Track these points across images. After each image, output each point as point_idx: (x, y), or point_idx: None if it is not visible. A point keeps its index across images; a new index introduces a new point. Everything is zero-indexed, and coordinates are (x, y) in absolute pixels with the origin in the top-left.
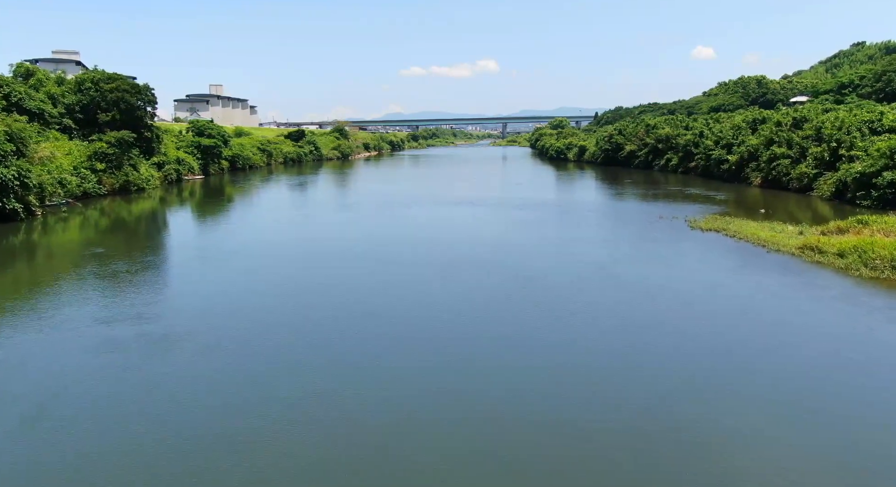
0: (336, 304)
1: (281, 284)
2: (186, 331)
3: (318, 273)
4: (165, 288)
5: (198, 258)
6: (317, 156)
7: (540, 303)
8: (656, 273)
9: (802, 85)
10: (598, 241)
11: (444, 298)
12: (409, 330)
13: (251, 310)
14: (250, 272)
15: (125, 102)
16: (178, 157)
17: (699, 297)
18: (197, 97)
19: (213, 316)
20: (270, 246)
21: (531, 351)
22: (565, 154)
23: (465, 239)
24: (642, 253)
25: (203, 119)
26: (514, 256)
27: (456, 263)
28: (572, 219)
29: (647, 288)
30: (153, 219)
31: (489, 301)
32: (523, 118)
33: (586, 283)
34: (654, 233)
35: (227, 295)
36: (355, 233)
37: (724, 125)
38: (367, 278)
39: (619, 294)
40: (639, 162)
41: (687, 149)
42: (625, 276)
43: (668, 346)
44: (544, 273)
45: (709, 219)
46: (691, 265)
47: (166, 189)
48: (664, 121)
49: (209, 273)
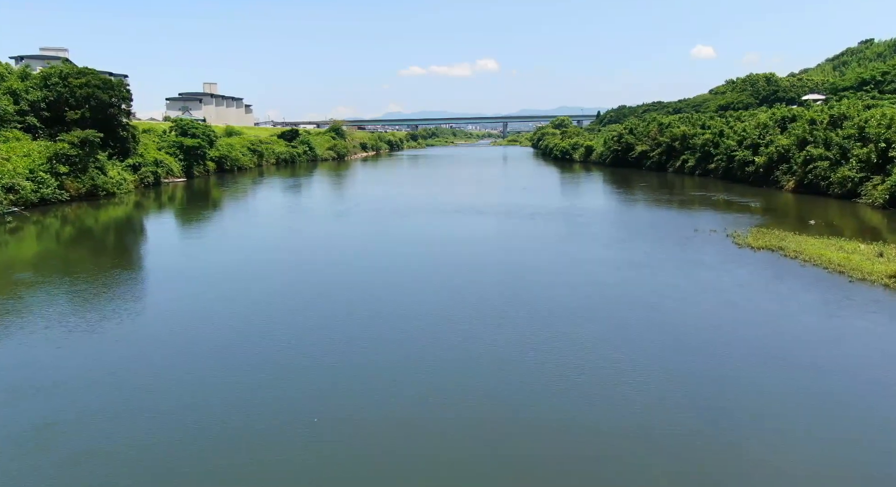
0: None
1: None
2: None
3: (291, 318)
4: (99, 335)
5: (141, 291)
6: (311, 157)
7: (582, 373)
8: (723, 316)
9: (813, 83)
10: (634, 266)
11: (453, 375)
12: (409, 438)
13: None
14: (199, 322)
15: (96, 99)
16: (156, 159)
17: (800, 360)
18: (189, 95)
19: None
20: (238, 275)
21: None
22: (571, 154)
23: (471, 262)
24: (694, 284)
25: (187, 118)
26: (536, 291)
27: (463, 304)
28: (594, 232)
29: (722, 343)
30: (111, 232)
31: (511, 375)
32: (523, 117)
33: (637, 336)
34: (696, 252)
35: (171, 349)
36: (342, 254)
37: (748, 123)
38: (355, 336)
39: (687, 357)
40: (651, 163)
41: (705, 149)
42: (683, 323)
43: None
44: (577, 317)
45: (754, 233)
46: (763, 303)
47: (142, 193)
48: (678, 120)
49: (152, 319)
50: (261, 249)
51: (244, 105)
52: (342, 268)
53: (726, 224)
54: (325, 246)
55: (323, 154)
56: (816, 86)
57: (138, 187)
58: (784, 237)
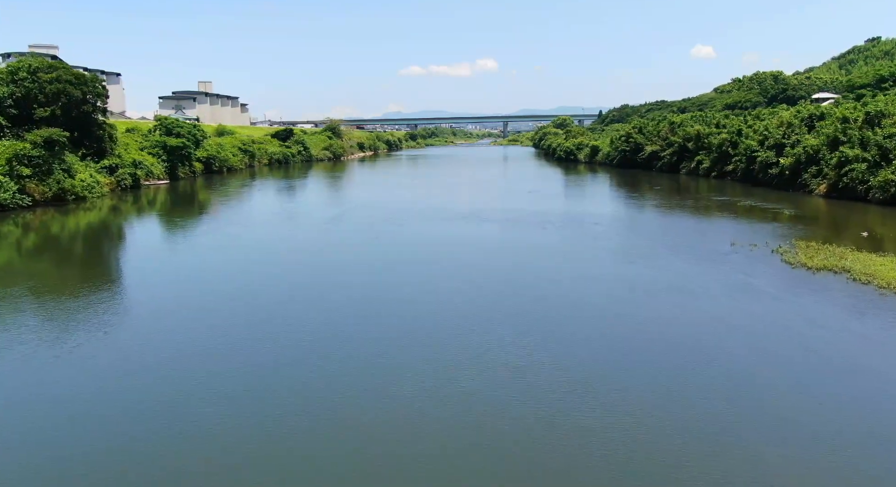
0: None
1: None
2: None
3: (266, 348)
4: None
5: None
6: (306, 157)
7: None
8: (809, 378)
9: (822, 81)
10: (671, 291)
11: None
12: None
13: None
14: (169, 349)
15: (67, 95)
16: (134, 160)
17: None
18: (183, 94)
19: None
20: (209, 294)
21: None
22: (575, 155)
23: (476, 290)
24: (751, 319)
25: (172, 117)
26: (561, 335)
27: (467, 355)
28: (615, 245)
29: (828, 430)
30: (77, 241)
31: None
32: (524, 117)
33: (698, 413)
34: (742, 272)
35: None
36: (327, 277)
37: (770, 122)
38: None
39: (780, 458)
40: (662, 164)
41: (722, 149)
42: (752, 385)
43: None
44: (614, 378)
45: (804, 248)
46: (855, 352)
47: (119, 197)
48: (691, 119)
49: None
50: (239, 264)
51: (240, 104)
52: (319, 295)
53: (765, 235)
54: (306, 266)
55: (318, 154)
56: (825, 84)
57: (115, 190)
58: (843, 255)
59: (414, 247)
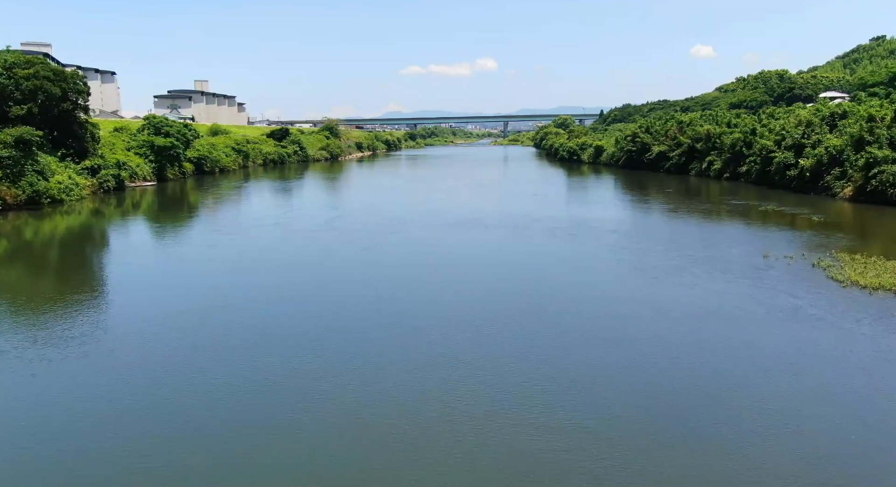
0: None
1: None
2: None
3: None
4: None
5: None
6: (302, 158)
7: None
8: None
9: (828, 80)
10: (707, 317)
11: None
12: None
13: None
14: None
15: (45, 92)
16: (118, 160)
17: None
18: (178, 93)
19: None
20: (185, 313)
21: None
22: (579, 155)
23: (479, 313)
24: (810, 357)
25: (160, 116)
26: (588, 385)
27: (473, 402)
28: (634, 257)
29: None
30: (52, 247)
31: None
32: (524, 116)
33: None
34: (783, 292)
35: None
36: (305, 292)
37: (787, 121)
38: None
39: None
40: (671, 165)
41: (736, 150)
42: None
43: None
44: (651, 440)
45: (849, 262)
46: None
47: (101, 200)
48: (701, 118)
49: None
50: (209, 278)
51: (237, 103)
52: (301, 313)
53: (798, 245)
54: (285, 283)
55: (315, 154)
56: (832, 83)
57: (97, 193)
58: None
59: (408, 261)
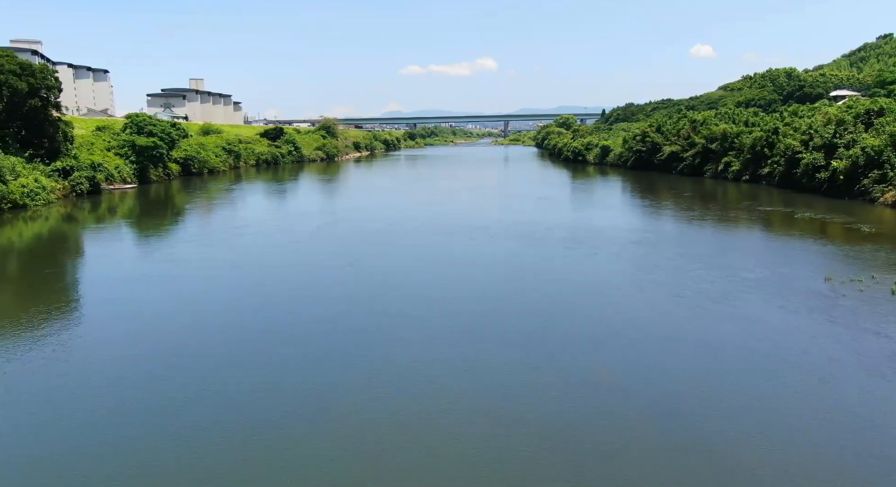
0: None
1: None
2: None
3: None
4: None
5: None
6: (297, 158)
7: None
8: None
9: (837, 78)
10: (792, 371)
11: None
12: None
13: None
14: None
15: (10, 88)
16: (93, 162)
17: None
18: (172, 91)
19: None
20: (144, 339)
21: None
22: (584, 155)
23: (497, 363)
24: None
25: (144, 114)
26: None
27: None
28: (673, 280)
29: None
30: (11, 258)
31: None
32: (524, 116)
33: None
34: (880, 334)
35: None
36: (272, 352)
37: (815, 119)
38: None
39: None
40: (684, 166)
41: (756, 150)
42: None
43: None
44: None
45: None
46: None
47: (74, 204)
48: (715, 116)
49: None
50: (168, 301)
51: (233, 102)
52: (260, 365)
53: (862, 264)
54: (255, 308)
55: (310, 154)
56: (841, 81)
57: (68, 196)
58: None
59: (401, 281)
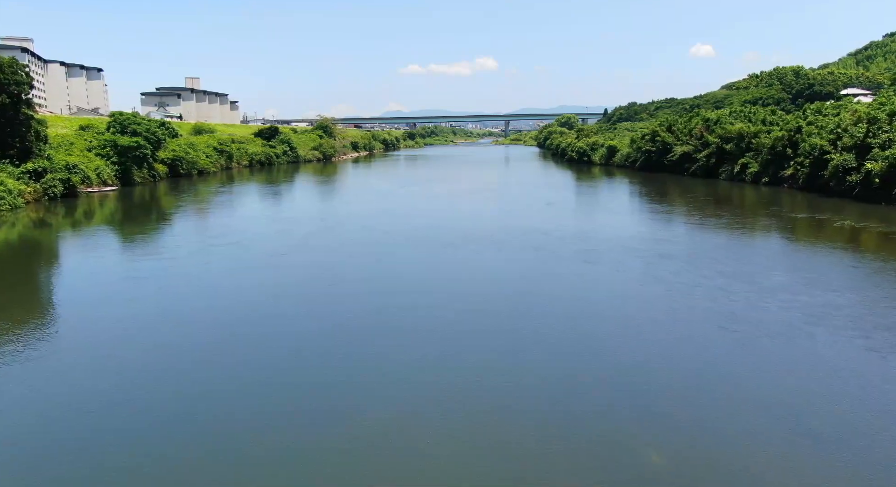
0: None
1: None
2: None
3: None
4: None
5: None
6: (292, 158)
7: None
8: None
9: (846, 77)
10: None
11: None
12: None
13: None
14: None
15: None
16: (67, 163)
17: None
18: (167, 90)
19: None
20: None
21: None
22: (589, 155)
23: (524, 433)
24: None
25: (128, 112)
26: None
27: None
28: (721, 307)
29: None
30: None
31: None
32: (525, 115)
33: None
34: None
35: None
36: (229, 405)
37: (841, 117)
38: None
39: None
40: (697, 168)
41: (777, 151)
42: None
43: None
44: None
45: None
46: None
47: (46, 208)
48: (730, 115)
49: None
50: (141, 324)
51: (229, 101)
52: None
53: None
54: (216, 341)
55: (306, 154)
56: (851, 80)
57: (40, 200)
58: None
59: (392, 313)
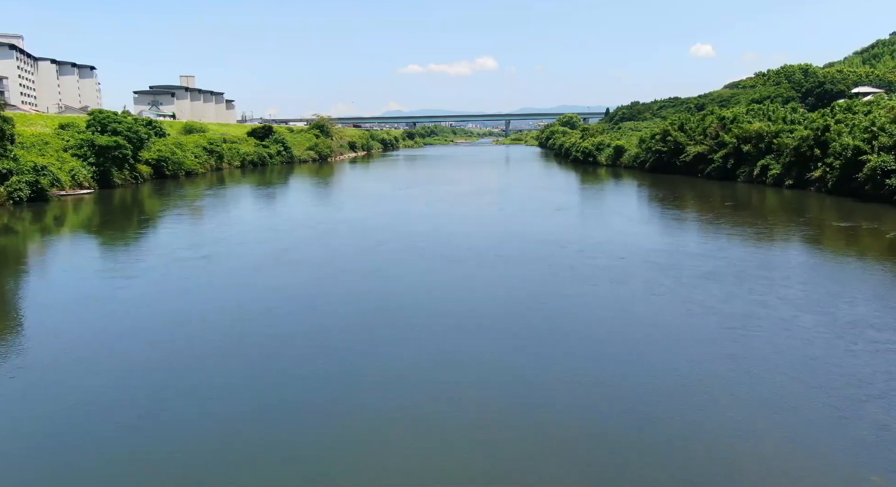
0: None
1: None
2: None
3: None
4: None
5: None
6: (287, 158)
7: None
8: None
9: (856, 75)
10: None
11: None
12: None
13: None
14: None
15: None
16: (35, 164)
17: None
18: (161, 88)
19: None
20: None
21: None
22: (594, 156)
23: None
24: None
25: (109, 111)
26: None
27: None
28: (788, 344)
29: None
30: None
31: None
32: (526, 115)
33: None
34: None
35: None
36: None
37: (875, 115)
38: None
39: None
40: (712, 169)
41: (802, 152)
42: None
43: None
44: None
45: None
46: None
47: (11, 213)
48: (747, 113)
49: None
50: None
51: (225, 100)
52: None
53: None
54: (170, 365)
55: (301, 155)
56: (860, 78)
57: (4, 204)
58: None
59: (383, 349)
